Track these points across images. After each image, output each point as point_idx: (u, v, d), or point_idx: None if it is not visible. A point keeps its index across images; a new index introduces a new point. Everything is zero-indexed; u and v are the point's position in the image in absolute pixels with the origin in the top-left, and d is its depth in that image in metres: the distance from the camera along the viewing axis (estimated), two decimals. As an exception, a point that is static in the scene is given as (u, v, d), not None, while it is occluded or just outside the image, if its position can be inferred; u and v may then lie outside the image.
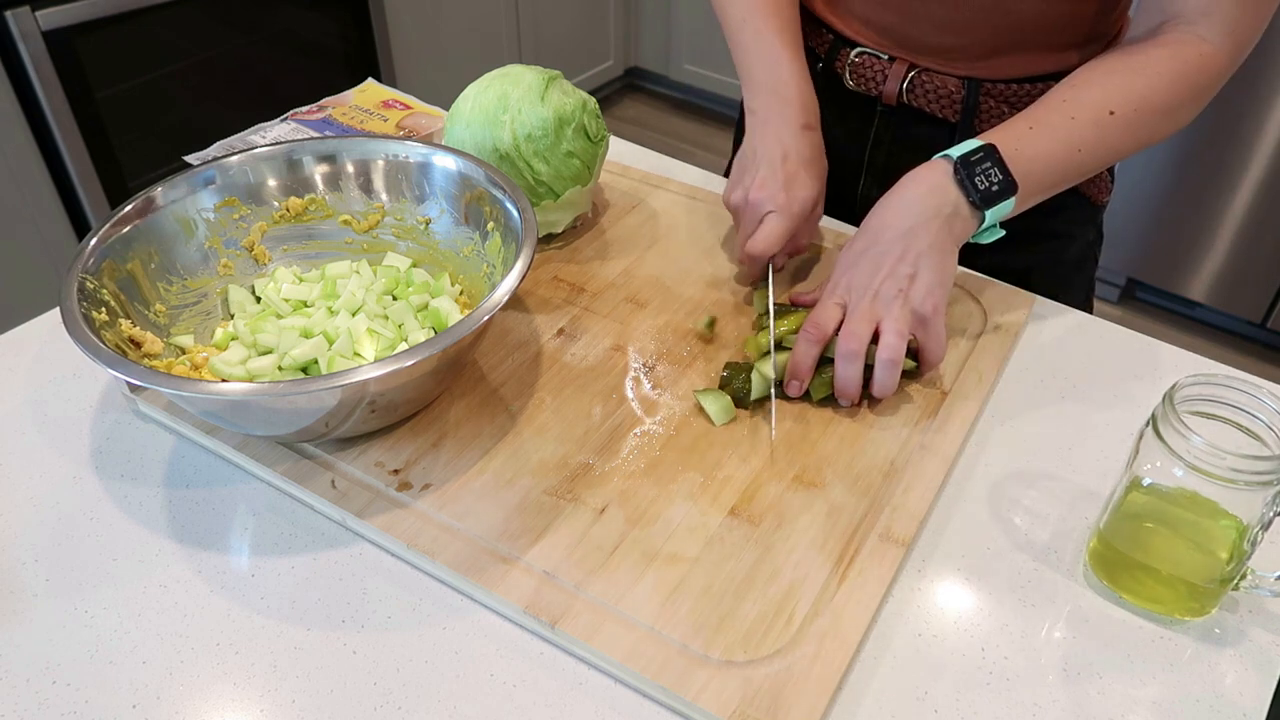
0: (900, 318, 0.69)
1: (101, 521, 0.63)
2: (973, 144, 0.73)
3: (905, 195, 0.73)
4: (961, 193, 0.72)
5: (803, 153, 0.80)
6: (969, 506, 0.65)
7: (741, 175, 0.82)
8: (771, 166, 0.79)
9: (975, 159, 0.72)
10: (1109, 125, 0.74)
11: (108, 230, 0.68)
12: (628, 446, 0.67)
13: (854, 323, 0.69)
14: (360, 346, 0.69)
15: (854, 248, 0.74)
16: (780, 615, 0.56)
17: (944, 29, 0.85)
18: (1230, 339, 2.36)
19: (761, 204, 0.79)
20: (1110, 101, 0.74)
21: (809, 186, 0.80)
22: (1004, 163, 0.72)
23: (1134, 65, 0.75)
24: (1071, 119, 0.74)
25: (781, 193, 0.78)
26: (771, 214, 0.78)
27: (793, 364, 0.70)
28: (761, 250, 0.78)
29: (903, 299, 0.69)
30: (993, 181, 0.71)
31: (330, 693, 0.54)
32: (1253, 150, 2.05)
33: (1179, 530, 0.57)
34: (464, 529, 0.61)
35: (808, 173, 0.80)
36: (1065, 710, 0.54)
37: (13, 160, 1.73)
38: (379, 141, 0.78)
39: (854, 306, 0.70)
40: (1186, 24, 0.75)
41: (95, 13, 1.72)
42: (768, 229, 0.78)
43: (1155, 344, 0.80)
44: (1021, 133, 0.74)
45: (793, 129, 0.81)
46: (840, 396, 0.70)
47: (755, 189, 0.79)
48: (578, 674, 0.55)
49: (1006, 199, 0.72)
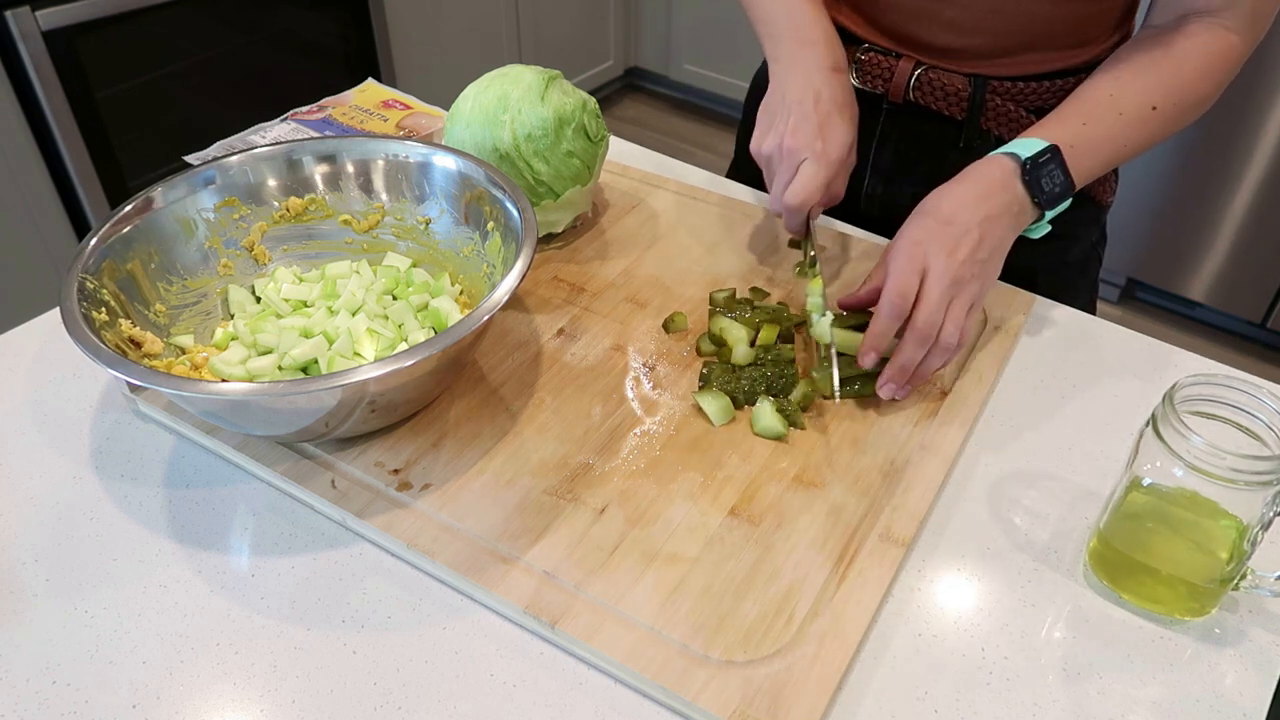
0: (964, 305, 0.69)
1: (101, 521, 0.63)
2: (1038, 144, 0.72)
3: (978, 185, 0.72)
4: (1028, 193, 0.72)
5: (835, 95, 0.78)
6: (969, 506, 0.65)
7: (772, 122, 0.79)
8: (804, 111, 0.77)
9: (1042, 160, 0.72)
10: (1150, 120, 0.75)
11: (108, 230, 0.68)
12: (628, 446, 0.67)
13: (930, 310, 0.68)
14: (360, 346, 0.69)
15: (924, 225, 0.71)
16: (780, 615, 0.56)
17: (953, 30, 0.85)
18: (1230, 339, 2.36)
19: (798, 151, 0.76)
20: (1153, 97, 0.75)
21: (844, 130, 0.78)
22: (1065, 164, 0.72)
23: (1172, 60, 0.76)
24: (1119, 114, 0.75)
25: (817, 139, 0.76)
26: (807, 161, 0.76)
27: (873, 336, 0.69)
28: (801, 201, 0.76)
29: (977, 284, 0.69)
30: (1056, 183, 0.72)
31: (330, 693, 0.54)
32: (1253, 150, 2.05)
33: (1179, 530, 0.57)
34: (464, 529, 0.61)
35: (841, 116, 0.78)
36: (1065, 710, 0.54)
37: (13, 160, 1.73)
38: (379, 141, 0.78)
39: (930, 287, 0.69)
40: (1211, 16, 0.76)
41: (95, 13, 1.72)
42: (805, 177, 0.76)
43: (1155, 344, 0.80)
44: (1076, 130, 0.74)
45: (822, 71, 0.79)
46: (899, 382, 0.69)
47: (789, 135, 0.77)
48: (578, 674, 0.55)
49: (1066, 199, 0.73)
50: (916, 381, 0.70)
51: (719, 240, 0.88)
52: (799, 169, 0.76)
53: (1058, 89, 0.86)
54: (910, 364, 0.69)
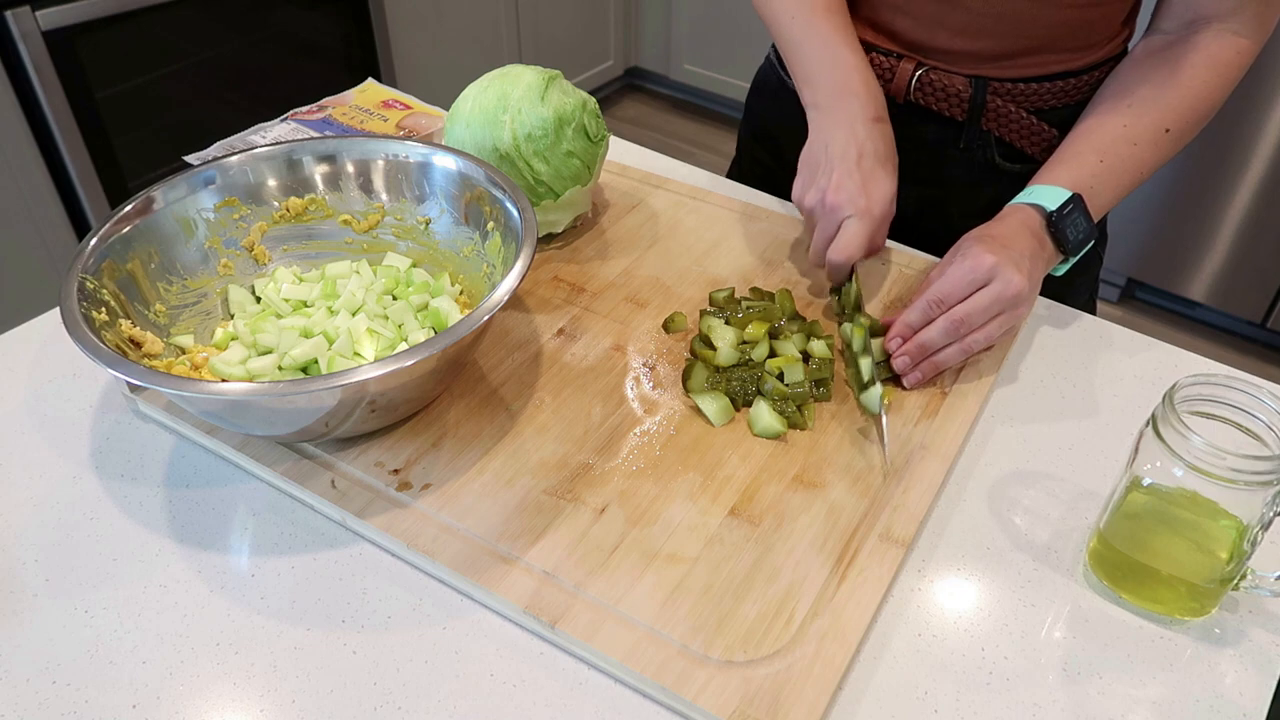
0: (1005, 324, 0.70)
1: (101, 521, 0.63)
2: (1061, 195, 0.73)
3: (1017, 228, 0.73)
4: (1054, 243, 0.74)
5: (878, 149, 0.78)
6: (969, 506, 0.65)
7: (815, 175, 0.79)
8: (847, 166, 0.77)
9: (1066, 212, 0.73)
10: (1163, 142, 0.77)
11: (108, 230, 0.68)
12: (628, 446, 0.67)
13: (973, 308, 0.69)
14: (360, 346, 0.69)
15: (989, 245, 0.71)
16: (780, 615, 0.56)
17: (957, 33, 0.85)
18: (1230, 339, 2.36)
19: (841, 208, 0.76)
20: (1165, 120, 0.76)
21: (886, 185, 0.77)
22: (1087, 211, 0.74)
23: (1180, 79, 0.76)
24: (1134, 145, 0.76)
25: (861, 195, 0.76)
26: (852, 219, 0.76)
27: (901, 323, 0.71)
28: (846, 259, 0.76)
29: (1025, 308, 0.71)
30: (1080, 230, 0.74)
31: (330, 693, 0.54)
32: (1253, 150, 2.05)
33: (1179, 530, 0.57)
34: (464, 529, 0.61)
35: (884, 170, 0.78)
36: (1065, 710, 0.54)
37: (13, 160, 1.73)
38: (379, 141, 0.78)
39: (987, 291, 0.69)
40: (1219, 21, 0.76)
41: (95, 13, 1.72)
42: (850, 235, 0.75)
43: (1155, 344, 0.80)
44: (1094, 169, 0.75)
45: (865, 123, 0.78)
46: (914, 357, 0.70)
47: (832, 191, 0.76)
48: (578, 674, 0.55)
49: (1088, 244, 0.75)
50: (928, 370, 0.71)
51: (719, 240, 0.88)
52: (842, 225, 0.76)
53: (1059, 90, 0.86)
54: (930, 345, 0.70)
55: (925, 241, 0.89)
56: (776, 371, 0.71)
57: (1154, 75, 0.77)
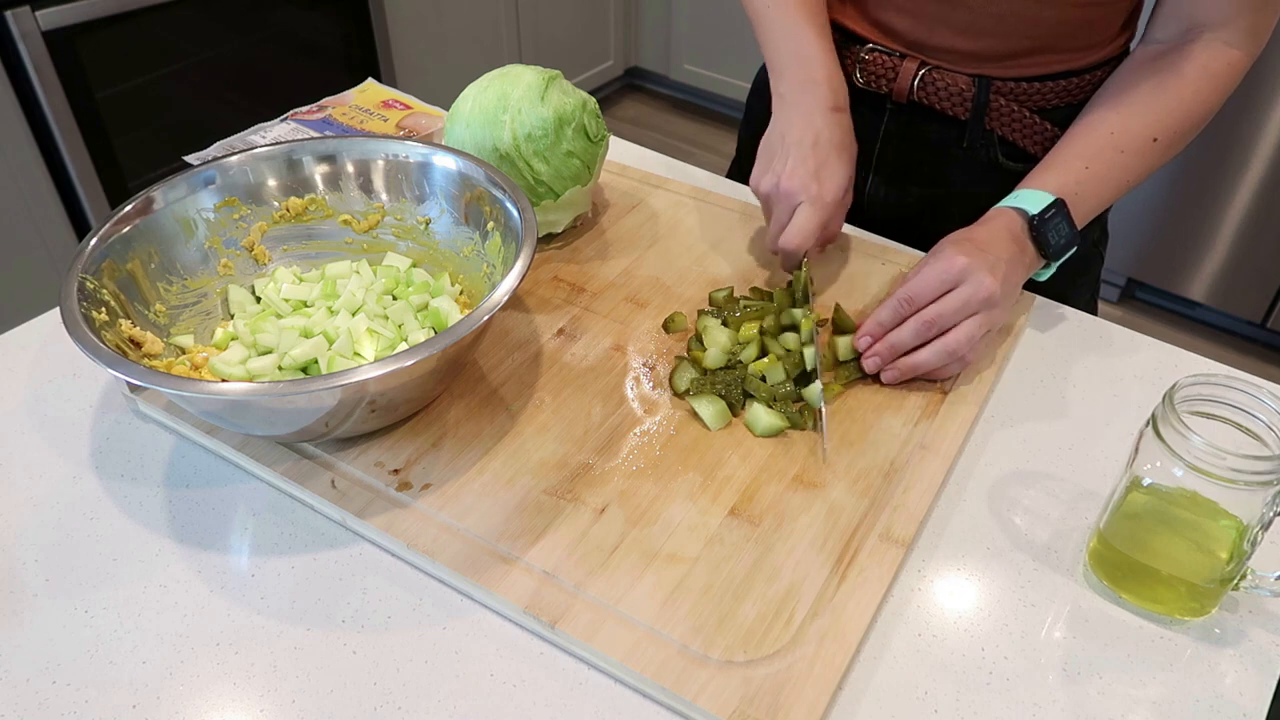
0: (983, 324, 0.69)
1: (101, 521, 0.63)
2: (1044, 199, 0.73)
3: (998, 230, 0.73)
4: (1035, 247, 0.74)
5: (833, 136, 0.79)
6: (969, 506, 0.65)
7: (770, 161, 0.80)
8: (801, 153, 0.78)
9: (1048, 216, 0.73)
10: (1151, 152, 0.77)
11: (108, 230, 0.68)
12: (628, 446, 0.67)
13: (944, 309, 0.69)
14: (360, 346, 0.69)
15: (963, 247, 0.71)
16: (780, 615, 0.56)
17: (960, 33, 0.85)
18: (1230, 339, 2.36)
19: (794, 194, 0.77)
20: (1153, 130, 0.76)
21: (840, 173, 0.78)
22: (1070, 217, 0.74)
23: (1171, 90, 0.76)
24: (1120, 152, 0.76)
25: (813, 182, 0.77)
26: (804, 205, 0.77)
27: (871, 321, 0.71)
28: (798, 244, 0.76)
29: (1000, 312, 0.71)
30: (1062, 235, 0.74)
31: (330, 693, 0.54)
32: (1253, 150, 2.05)
33: (1179, 530, 0.57)
34: (464, 529, 0.61)
35: (838, 157, 0.78)
36: (1065, 710, 0.54)
37: (13, 160, 1.73)
38: (379, 141, 0.78)
39: (957, 294, 0.69)
40: (1211, 31, 0.76)
41: (95, 13, 1.72)
42: (801, 221, 0.76)
43: (1155, 344, 0.80)
44: (1080, 174, 0.75)
45: (822, 111, 0.79)
46: (884, 358, 0.70)
47: (786, 178, 0.77)
48: (578, 674, 0.55)
49: (1071, 249, 0.75)
50: (908, 374, 0.71)
51: (719, 240, 0.88)
52: (795, 212, 0.77)
53: (1061, 89, 0.86)
54: (900, 346, 0.70)
55: (927, 242, 0.89)
56: (759, 374, 0.71)
57: (1145, 84, 0.78)
